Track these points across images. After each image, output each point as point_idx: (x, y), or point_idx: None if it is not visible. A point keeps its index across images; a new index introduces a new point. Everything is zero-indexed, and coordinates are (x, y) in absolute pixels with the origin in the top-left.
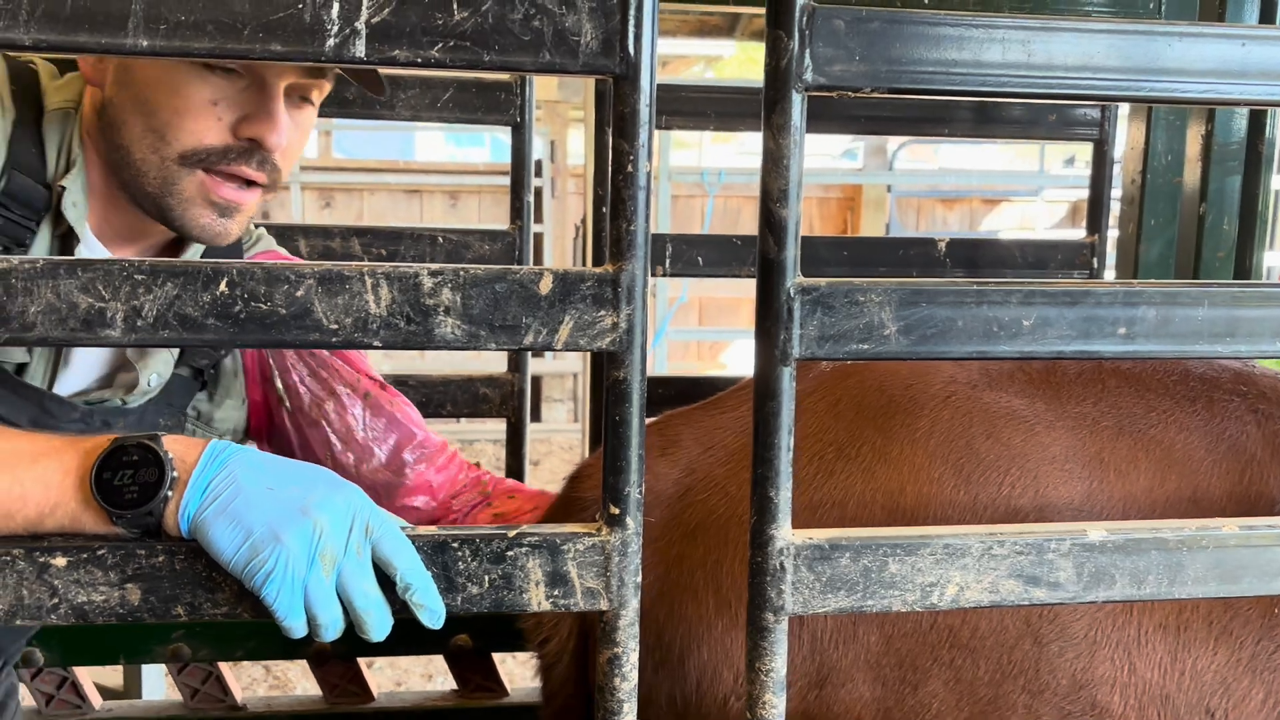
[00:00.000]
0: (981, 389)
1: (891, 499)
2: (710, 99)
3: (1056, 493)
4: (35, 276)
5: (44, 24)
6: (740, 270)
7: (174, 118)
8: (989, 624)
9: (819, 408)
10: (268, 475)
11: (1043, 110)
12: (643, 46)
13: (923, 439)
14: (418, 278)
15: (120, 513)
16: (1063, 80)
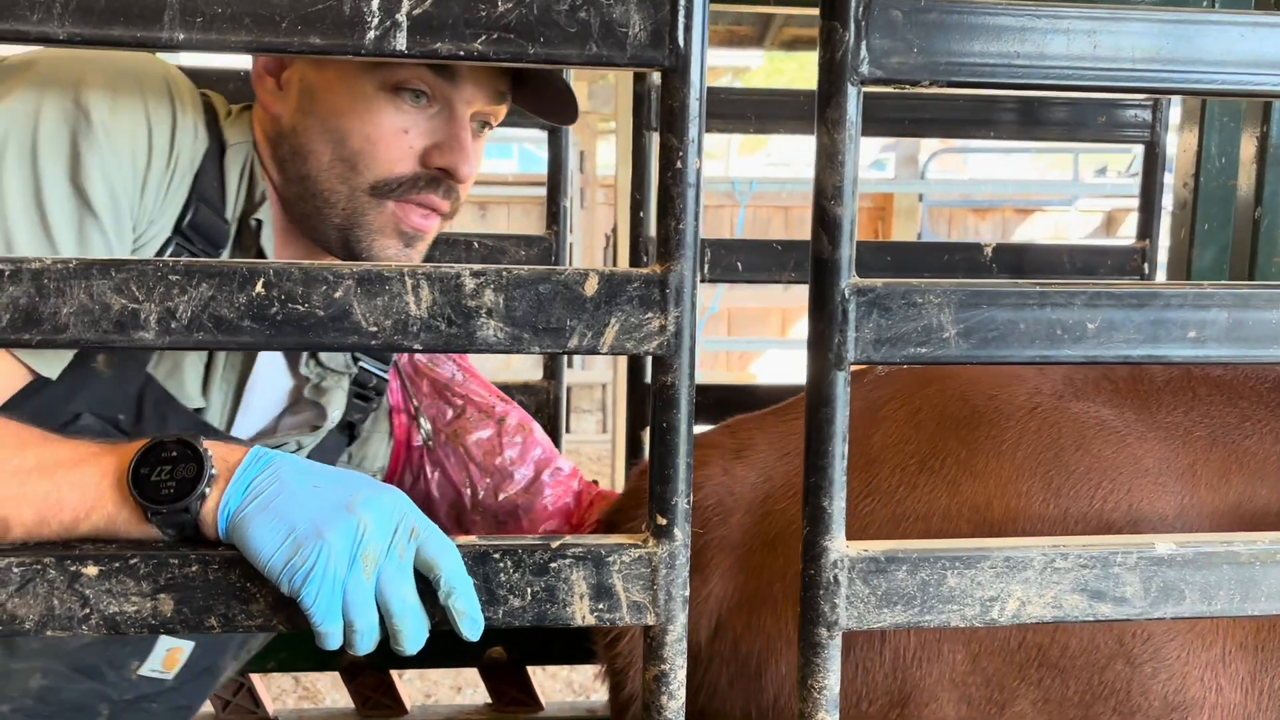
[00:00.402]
0: (1068, 399)
1: (978, 513)
2: (749, 101)
3: (1150, 507)
4: (68, 277)
5: (78, 17)
6: (780, 275)
7: (365, 146)
8: (1080, 643)
9: (899, 416)
10: (313, 474)
11: (1091, 112)
12: (693, 38)
13: (1009, 451)
14: (459, 278)
15: (155, 507)
16: (1130, 73)
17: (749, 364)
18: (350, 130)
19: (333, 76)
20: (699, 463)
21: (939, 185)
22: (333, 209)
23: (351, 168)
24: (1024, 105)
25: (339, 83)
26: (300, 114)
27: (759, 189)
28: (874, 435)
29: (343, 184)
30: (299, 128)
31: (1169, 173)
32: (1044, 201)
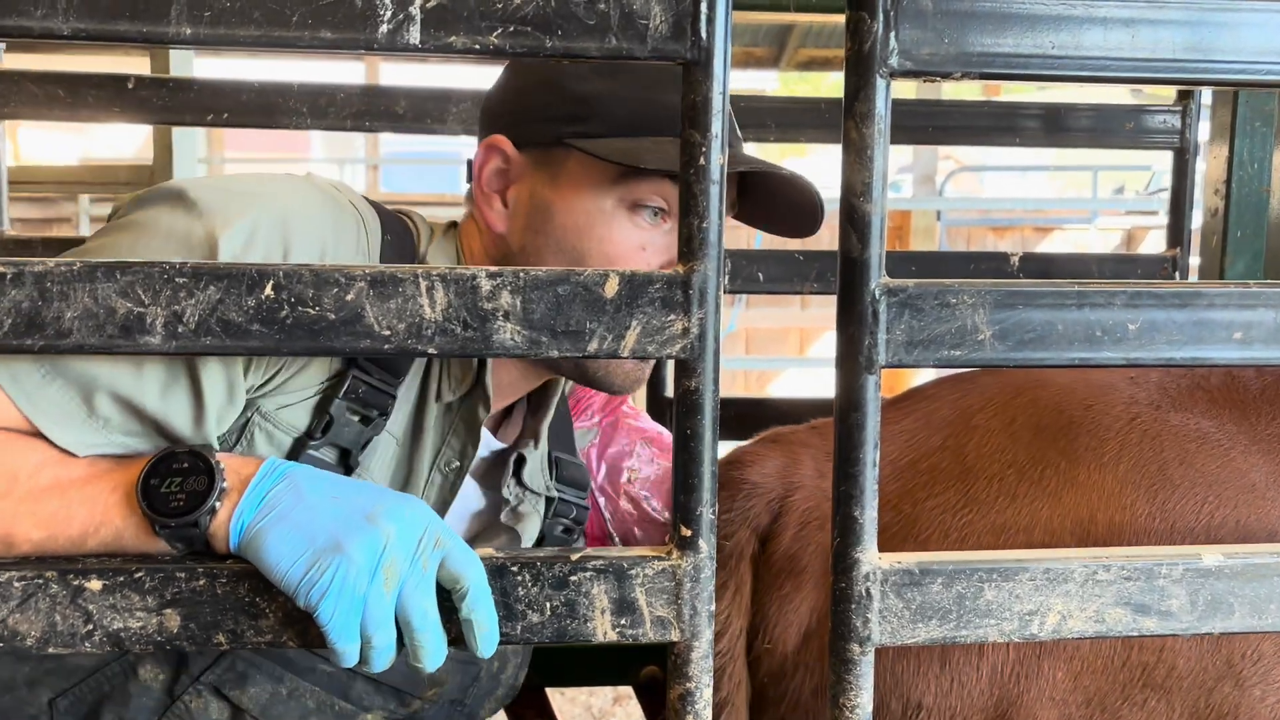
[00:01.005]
0: (1166, 410)
1: (1081, 526)
2: (770, 109)
3: (1259, 522)
4: (72, 280)
5: (83, 12)
6: (803, 286)
7: (604, 265)
8: (1186, 663)
9: (992, 426)
10: (332, 485)
11: (1117, 118)
12: (716, 30)
13: (1111, 463)
14: (475, 280)
15: (164, 520)
16: (1170, 64)
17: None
18: (588, 250)
19: (569, 192)
20: (791, 460)
21: (957, 202)
22: None
23: None
24: (1048, 112)
25: (575, 199)
26: (531, 233)
27: None
28: (968, 445)
29: None
30: (529, 248)
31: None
32: (1063, 220)
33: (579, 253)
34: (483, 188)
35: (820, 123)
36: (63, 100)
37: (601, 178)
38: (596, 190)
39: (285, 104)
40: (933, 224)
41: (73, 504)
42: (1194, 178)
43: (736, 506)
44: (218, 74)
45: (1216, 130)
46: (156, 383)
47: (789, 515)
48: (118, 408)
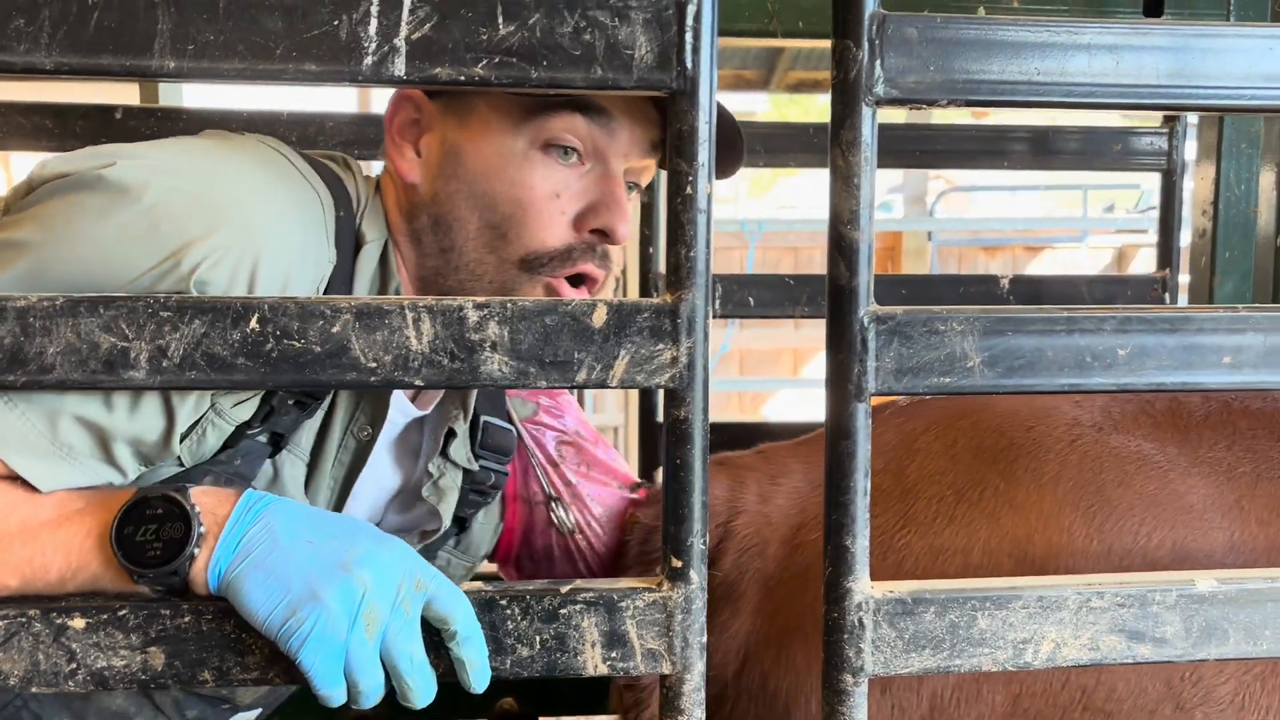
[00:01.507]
0: (1108, 432)
1: (1019, 547)
2: (758, 135)
3: (1197, 544)
4: (54, 315)
5: (66, 46)
6: (794, 310)
7: (516, 210)
8: (1127, 685)
9: (934, 449)
10: (307, 528)
11: (1105, 140)
12: (701, 59)
13: (1050, 484)
14: (462, 311)
15: (142, 571)
16: (1154, 90)
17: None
18: (499, 194)
19: (478, 134)
20: (736, 484)
21: (948, 223)
22: (478, 281)
23: (501, 235)
24: (1036, 135)
25: (485, 141)
26: (442, 179)
27: (768, 229)
28: (909, 467)
29: (491, 254)
30: (441, 195)
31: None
32: (1054, 239)
33: (490, 196)
34: (394, 138)
35: (809, 147)
36: (51, 131)
37: (510, 117)
38: (506, 130)
39: (275, 132)
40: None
41: (46, 550)
42: (1182, 198)
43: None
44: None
45: (1203, 152)
46: (123, 405)
47: (729, 541)
48: (83, 433)
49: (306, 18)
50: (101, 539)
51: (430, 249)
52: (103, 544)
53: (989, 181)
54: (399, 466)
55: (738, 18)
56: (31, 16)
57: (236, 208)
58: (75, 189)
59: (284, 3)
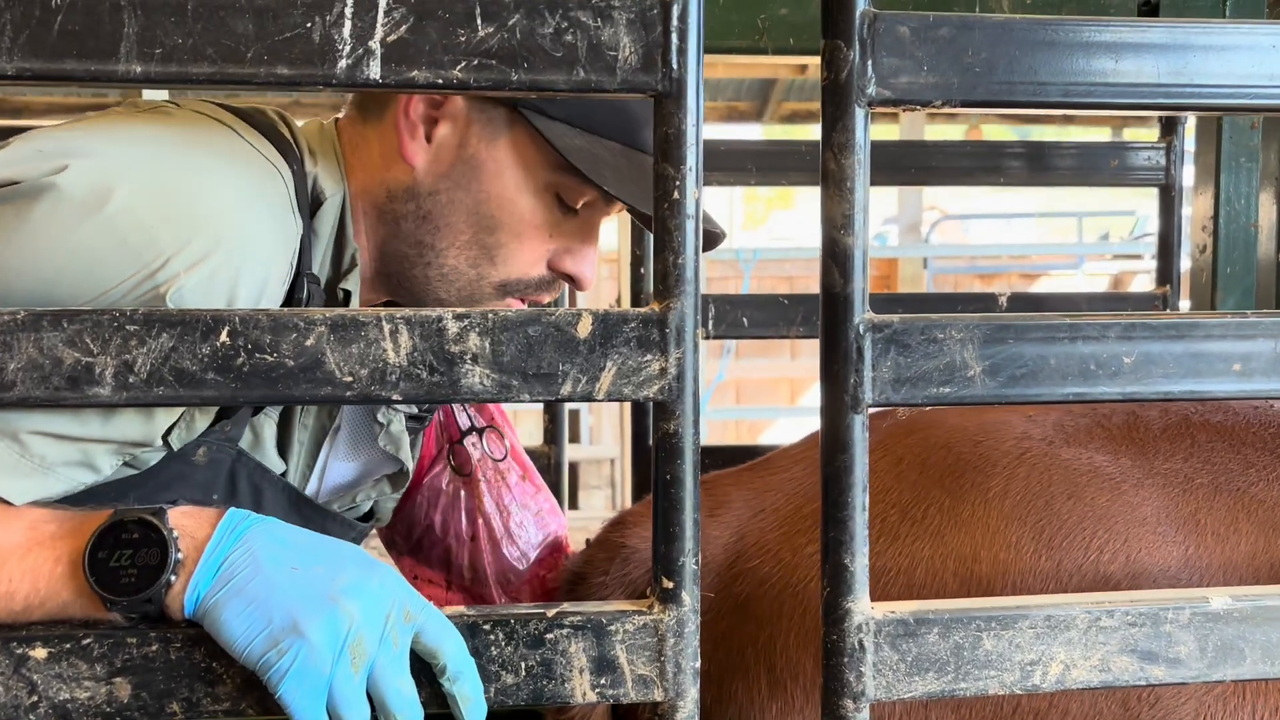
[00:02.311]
0: (1059, 445)
1: (964, 566)
2: (749, 153)
3: (1150, 558)
4: (15, 329)
5: (28, 51)
6: (789, 330)
7: (512, 241)
8: (1080, 706)
9: (880, 467)
10: (292, 552)
11: (1101, 155)
12: (687, 60)
13: (996, 500)
14: (441, 322)
15: (115, 599)
16: (1155, 89)
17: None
18: (503, 221)
19: (504, 158)
20: None
21: (943, 249)
22: (447, 286)
23: (489, 257)
24: (1031, 150)
25: (509, 168)
26: (449, 181)
27: (762, 257)
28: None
29: (472, 269)
30: (442, 195)
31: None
32: (1049, 265)
33: (493, 221)
34: (408, 112)
35: (802, 165)
36: None
37: (542, 159)
38: (532, 168)
39: None
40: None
41: (13, 576)
42: (1181, 214)
43: (614, 569)
44: None
45: (1202, 168)
46: (94, 415)
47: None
48: (57, 444)
49: (278, 20)
50: (73, 565)
51: (408, 236)
52: (74, 570)
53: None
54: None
55: (728, 35)
56: None
57: (207, 214)
58: (27, 198)
59: (255, 4)
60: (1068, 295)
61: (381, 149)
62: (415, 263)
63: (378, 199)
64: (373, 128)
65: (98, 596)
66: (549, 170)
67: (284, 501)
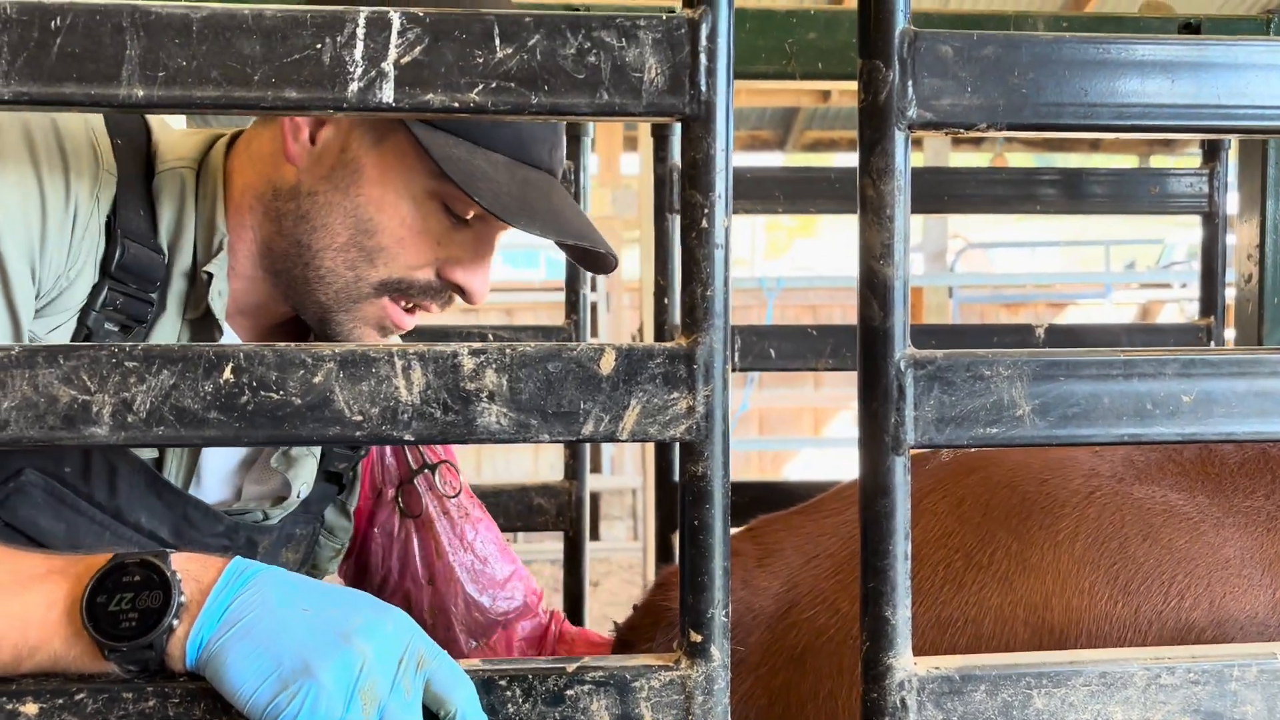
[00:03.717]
0: (1130, 483)
1: (1035, 614)
2: (776, 180)
3: (1236, 603)
4: (9, 366)
5: (26, 74)
6: (817, 362)
7: (393, 245)
8: None
9: (940, 509)
10: (302, 595)
11: (1141, 182)
12: (716, 83)
13: (1066, 542)
14: (456, 358)
15: (114, 645)
16: (1213, 110)
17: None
18: (383, 226)
19: (385, 166)
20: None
21: (970, 278)
22: (325, 287)
23: (368, 260)
24: (1068, 177)
25: (391, 173)
26: (328, 184)
27: (786, 285)
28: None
29: (350, 270)
30: (321, 197)
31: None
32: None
33: (375, 225)
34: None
35: (830, 192)
36: None
37: (423, 166)
38: (413, 175)
39: None
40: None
41: (0, 622)
42: (1224, 243)
43: (659, 637)
44: None
45: (1246, 195)
46: None
47: None
48: None
49: (287, 41)
50: (68, 612)
51: (288, 233)
52: (69, 617)
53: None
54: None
55: (755, 60)
56: None
57: None
58: None
59: (262, 25)
60: (1106, 326)
61: (270, 148)
62: (295, 262)
63: (264, 195)
64: (268, 126)
65: (95, 643)
66: (430, 178)
67: (140, 483)
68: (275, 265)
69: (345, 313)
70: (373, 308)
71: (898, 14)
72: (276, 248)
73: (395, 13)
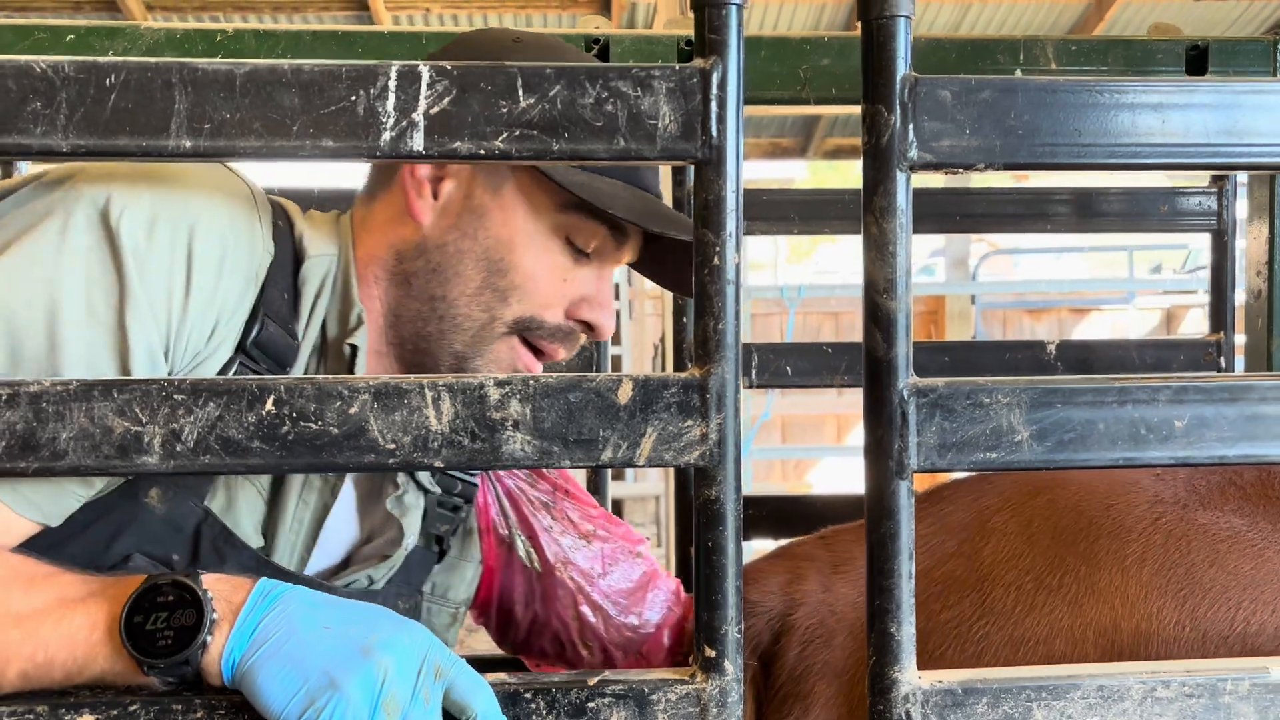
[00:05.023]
0: (1193, 508)
1: (1105, 636)
2: (792, 201)
3: None
4: (68, 400)
5: (83, 128)
6: (833, 379)
7: (526, 282)
8: None
9: (1010, 529)
10: (324, 613)
11: (1151, 201)
12: (727, 128)
13: (1134, 567)
14: (483, 389)
15: (152, 662)
16: (1201, 149)
17: (805, 472)
18: (514, 265)
19: (510, 205)
20: (794, 576)
21: (992, 286)
22: (461, 334)
23: (502, 299)
24: (1080, 197)
25: (515, 214)
26: (457, 233)
27: (808, 294)
28: (984, 550)
29: (484, 312)
30: (451, 247)
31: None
32: (1100, 300)
33: (505, 266)
34: (414, 173)
35: (845, 213)
36: None
37: (549, 202)
38: (539, 211)
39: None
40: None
41: (49, 644)
42: (1234, 259)
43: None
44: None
45: (1255, 210)
46: None
47: (791, 634)
48: None
49: (323, 93)
50: (109, 631)
51: (419, 292)
52: (110, 636)
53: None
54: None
55: (770, 86)
56: (49, 99)
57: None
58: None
59: (300, 79)
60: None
61: (387, 214)
62: (429, 318)
63: (387, 263)
64: (379, 199)
65: (135, 661)
66: (556, 211)
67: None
68: (404, 330)
69: (480, 357)
70: (505, 348)
71: (899, 61)
72: (407, 311)
73: (424, 66)
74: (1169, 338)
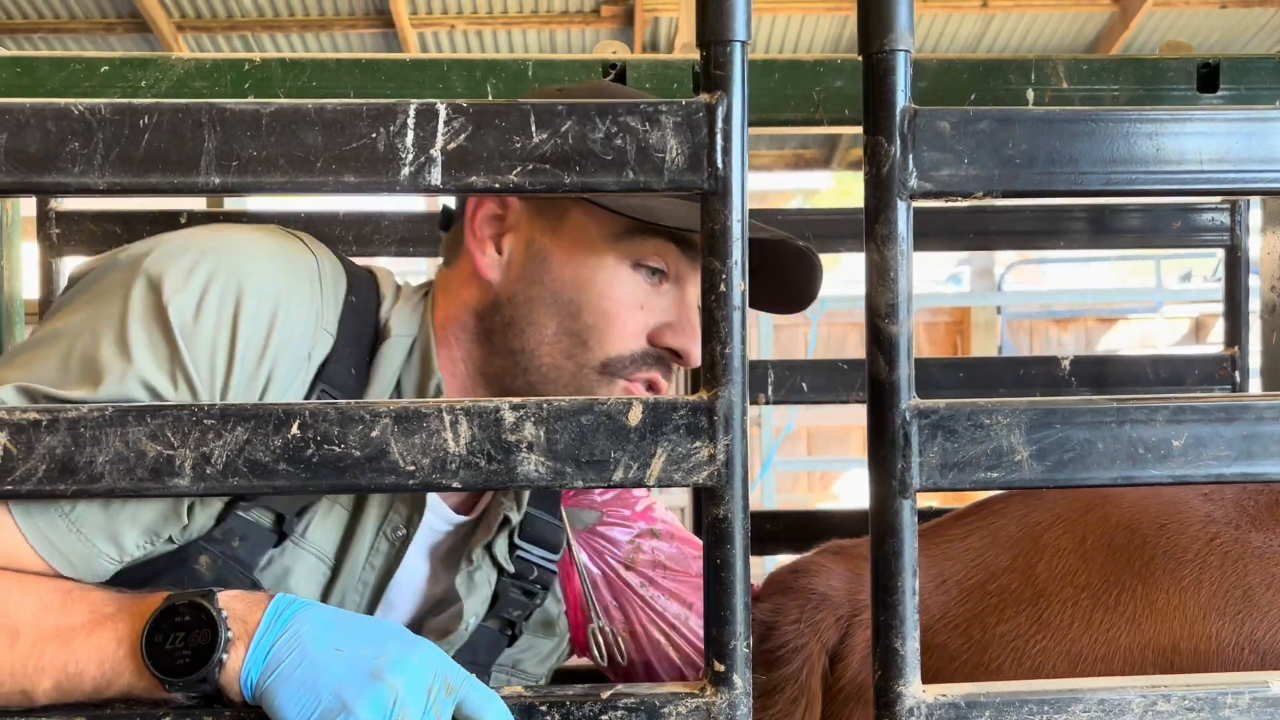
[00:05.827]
0: (1246, 530)
1: (1164, 657)
2: (807, 221)
3: None
4: (104, 425)
5: (118, 167)
6: (849, 396)
7: (601, 321)
8: None
9: (1063, 545)
10: (336, 634)
11: (1165, 217)
12: (732, 159)
13: (1191, 589)
14: (498, 413)
15: (172, 680)
16: (1197, 175)
17: (830, 484)
18: (586, 304)
19: (570, 243)
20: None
21: (1017, 296)
22: (552, 385)
23: (581, 343)
24: (1095, 213)
25: (576, 251)
26: (525, 282)
27: (830, 307)
28: (1038, 565)
29: (568, 360)
30: (520, 297)
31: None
32: (1127, 310)
33: (577, 305)
34: (475, 233)
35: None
36: (119, 236)
37: (606, 232)
38: (600, 244)
39: (332, 232)
40: (993, 318)
41: (80, 659)
42: (1248, 274)
43: (805, 616)
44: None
45: (1269, 224)
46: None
47: (856, 637)
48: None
49: (345, 131)
50: (133, 648)
51: (500, 348)
52: (134, 653)
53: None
54: (440, 574)
55: (784, 109)
56: (86, 139)
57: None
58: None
59: (323, 117)
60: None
61: (461, 277)
62: (515, 373)
63: (467, 324)
64: (454, 264)
65: (156, 679)
66: (615, 240)
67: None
68: (493, 389)
69: None
70: (611, 392)
71: (898, 93)
72: (491, 368)
73: (442, 104)
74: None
